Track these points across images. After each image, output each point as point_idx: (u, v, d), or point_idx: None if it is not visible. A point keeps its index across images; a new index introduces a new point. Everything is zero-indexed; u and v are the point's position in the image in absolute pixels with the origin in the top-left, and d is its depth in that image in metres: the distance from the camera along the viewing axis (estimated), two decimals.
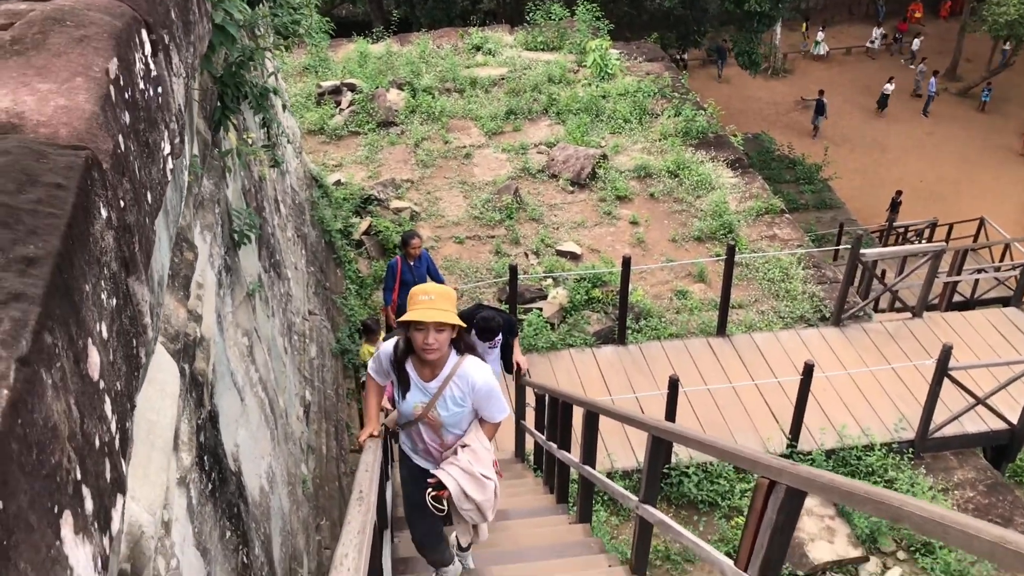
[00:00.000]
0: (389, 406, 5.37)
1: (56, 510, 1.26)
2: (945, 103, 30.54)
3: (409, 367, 4.31)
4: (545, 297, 11.93)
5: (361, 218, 13.14)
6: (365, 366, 9.95)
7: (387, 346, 4.43)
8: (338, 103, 16.59)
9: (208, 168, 4.70)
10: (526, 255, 12.92)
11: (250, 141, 5.95)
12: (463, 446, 4.37)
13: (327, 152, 15.23)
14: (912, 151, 28.14)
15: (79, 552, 1.32)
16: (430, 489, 4.28)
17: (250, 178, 6.34)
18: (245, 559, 4.06)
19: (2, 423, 1.10)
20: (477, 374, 4.25)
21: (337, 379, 9.70)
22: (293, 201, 9.76)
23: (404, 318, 4.02)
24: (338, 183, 13.75)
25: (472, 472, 4.28)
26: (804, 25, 34.45)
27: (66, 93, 1.75)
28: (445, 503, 4.29)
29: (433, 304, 3.99)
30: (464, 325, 4.17)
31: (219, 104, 4.91)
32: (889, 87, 29.75)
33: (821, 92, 28.29)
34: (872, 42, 34.44)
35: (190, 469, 3.36)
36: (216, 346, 4.21)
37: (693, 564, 8.45)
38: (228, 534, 3.86)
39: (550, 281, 12.22)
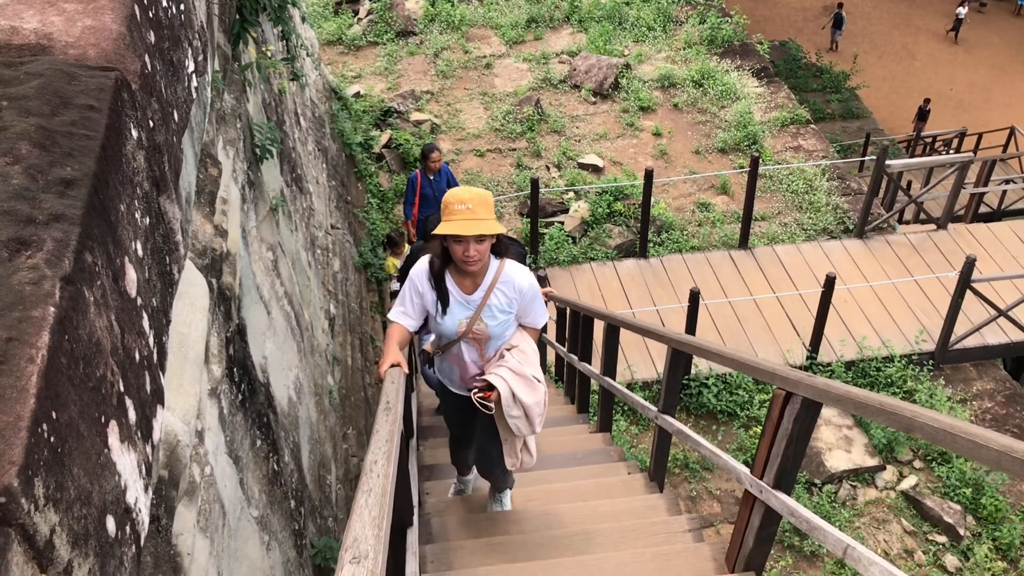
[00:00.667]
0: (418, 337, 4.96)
1: (103, 420, 1.33)
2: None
3: (448, 281, 3.95)
4: (567, 211, 11.92)
5: (381, 131, 13.08)
6: (389, 278, 10.08)
7: (419, 266, 3.98)
8: (356, 12, 16.34)
9: (229, 83, 4.70)
10: (547, 168, 12.85)
11: (269, 54, 5.91)
12: (512, 347, 4.06)
13: (346, 63, 15.08)
14: (943, 58, 27.44)
15: (125, 459, 1.40)
16: (475, 389, 3.96)
17: (270, 92, 6.33)
18: (275, 466, 4.20)
19: (51, 339, 1.16)
20: (521, 276, 3.96)
21: (361, 292, 9.81)
22: (313, 114, 9.73)
23: (440, 230, 3.61)
24: (357, 95, 13.65)
25: (522, 373, 3.96)
26: None
27: (92, 13, 1.76)
28: (493, 405, 3.95)
29: (472, 214, 3.59)
30: (503, 229, 3.77)
31: (238, 17, 4.87)
32: (962, 10, 28.34)
33: (840, 5, 27.45)
34: None
35: (220, 380, 3.46)
36: (242, 261, 4.28)
37: (711, 472, 8.63)
38: (259, 443, 3.98)
39: (571, 194, 12.19)
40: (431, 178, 9.34)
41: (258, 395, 4.12)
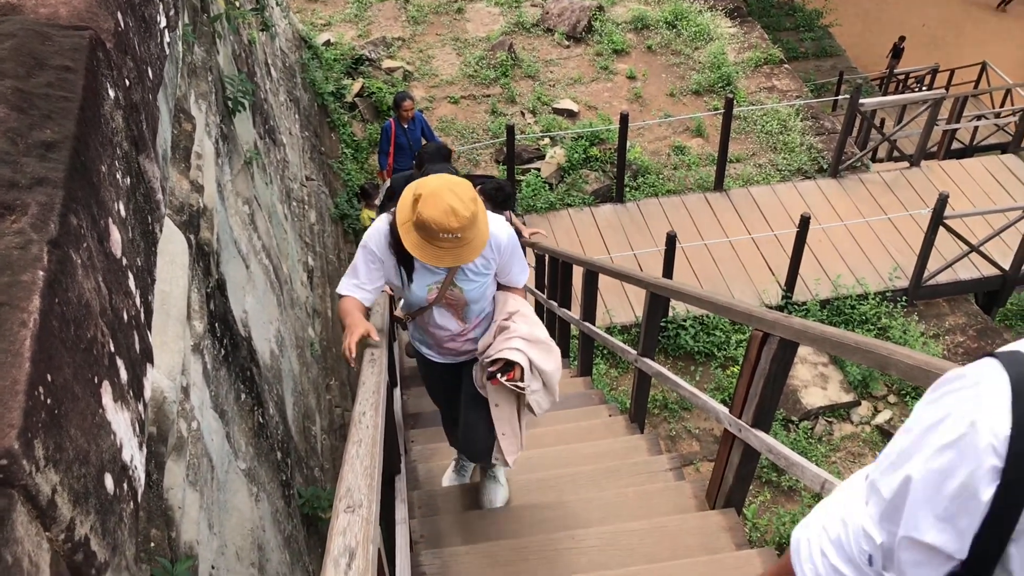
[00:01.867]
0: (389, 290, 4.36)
1: (96, 381, 1.35)
2: None
3: None
4: (543, 157, 11.88)
5: (353, 79, 12.92)
6: (365, 230, 9.98)
7: (380, 225, 3.41)
8: None
9: (198, 35, 4.63)
10: (522, 114, 12.78)
11: (238, 4, 5.82)
12: (511, 313, 3.56)
13: (315, 11, 14.82)
14: None
15: (119, 418, 1.42)
16: (497, 373, 3.40)
17: (240, 43, 6.24)
18: (261, 419, 4.24)
19: (42, 303, 1.17)
20: (498, 229, 3.40)
21: (338, 244, 9.79)
22: (283, 64, 9.60)
23: (420, 255, 3.09)
24: (328, 43, 13.45)
25: (536, 338, 3.48)
26: None
27: None
28: (520, 385, 3.43)
29: (460, 241, 3.03)
30: (487, 235, 3.23)
31: None
32: None
33: None
34: None
35: (203, 336, 3.47)
36: (219, 215, 4.26)
37: (690, 412, 8.77)
38: (243, 396, 4.01)
39: (547, 140, 12.14)
40: (405, 127, 9.27)
41: (240, 349, 4.14)
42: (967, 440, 1.08)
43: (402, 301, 3.76)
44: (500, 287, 3.69)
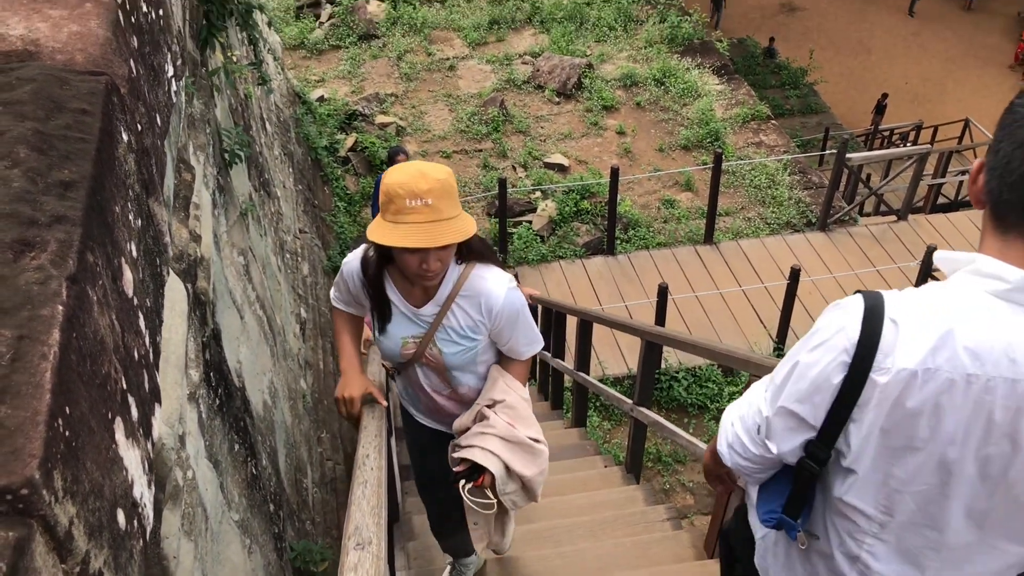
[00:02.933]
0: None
1: (110, 416, 1.36)
2: (931, 2, 30.16)
3: (390, 288, 2.91)
4: (534, 210, 11.98)
5: (346, 134, 13.06)
6: None
7: (351, 261, 2.96)
8: (317, 17, 16.30)
9: (197, 88, 4.70)
10: (514, 168, 12.91)
11: (235, 59, 5.91)
12: (495, 402, 2.97)
13: (309, 67, 15.03)
14: (897, 52, 27.90)
15: (131, 455, 1.43)
16: (463, 481, 2.84)
17: (236, 97, 6.32)
18: (254, 470, 4.21)
19: (61, 337, 1.19)
20: (494, 288, 2.82)
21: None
22: (278, 119, 9.71)
23: (386, 240, 2.50)
24: (321, 99, 13.62)
25: (517, 438, 2.91)
26: None
27: (78, 19, 1.79)
28: (490, 494, 2.90)
29: (433, 212, 2.48)
30: (475, 228, 2.67)
31: (205, 23, 4.87)
32: None
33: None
34: None
35: (199, 385, 3.46)
36: (215, 265, 4.28)
37: (684, 464, 8.73)
38: (236, 447, 3.99)
39: (539, 194, 12.26)
40: None
41: (235, 399, 4.13)
42: (831, 342, 1.51)
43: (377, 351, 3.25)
44: (502, 356, 3.10)
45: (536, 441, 2.98)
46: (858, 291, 1.56)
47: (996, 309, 1.37)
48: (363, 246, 2.94)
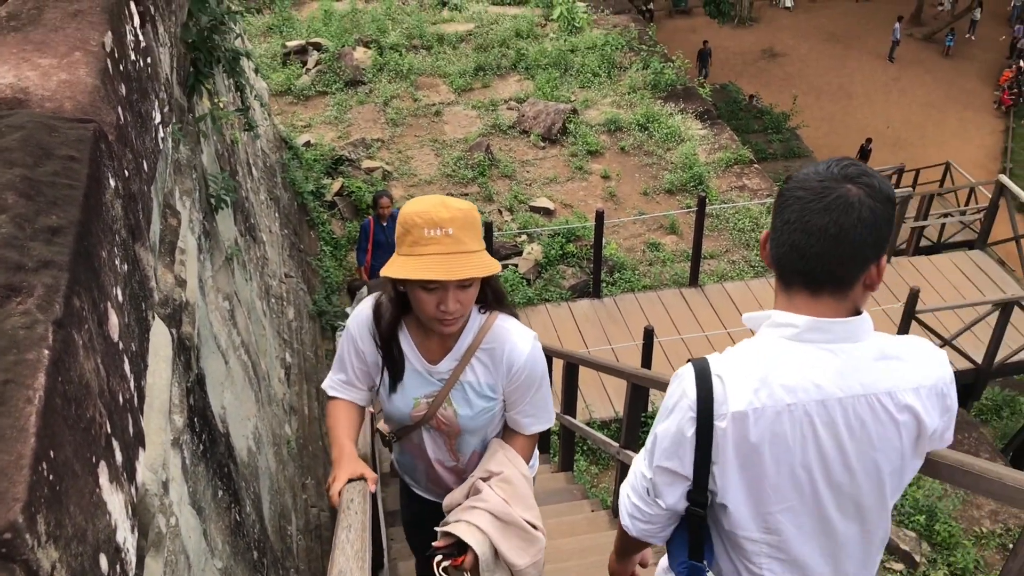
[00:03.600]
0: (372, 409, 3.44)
1: (94, 460, 1.36)
2: (910, 48, 30.73)
3: (404, 341, 2.62)
4: (520, 253, 12.04)
5: (333, 179, 13.12)
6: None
7: (362, 309, 2.66)
8: (304, 63, 16.44)
9: (184, 133, 4.73)
10: (500, 212, 12.99)
11: (222, 105, 5.96)
12: (491, 474, 2.66)
13: (295, 113, 15.14)
14: (878, 97, 28.35)
15: (114, 499, 1.42)
16: (438, 556, 2.50)
17: (223, 142, 6.36)
18: (238, 517, 4.17)
19: (47, 381, 1.20)
20: (519, 342, 2.56)
21: (316, 341, 9.78)
22: (264, 164, 9.76)
23: (400, 273, 2.28)
24: (308, 144, 13.70)
25: (511, 518, 2.58)
26: None
27: (67, 68, 1.81)
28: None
29: (454, 243, 2.27)
30: (499, 267, 2.42)
31: (192, 70, 4.92)
32: (897, 27, 29.65)
33: (705, 42, 28.14)
34: None
35: (182, 431, 3.44)
36: (199, 310, 4.28)
37: None
38: (220, 493, 3.96)
39: (524, 237, 12.32)
40: (384, 224, 9.40)
41: (219, 445, 4.10)
42: (678, 405, 1.81)
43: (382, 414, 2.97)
44: (505, 428, 2.80)
45: (533, 526, 2.64)
46: (689, 360, 1.88)
47: (794, 349, 1.74)
48: (371, 296, 2.69)
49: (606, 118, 14.99)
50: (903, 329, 9.63)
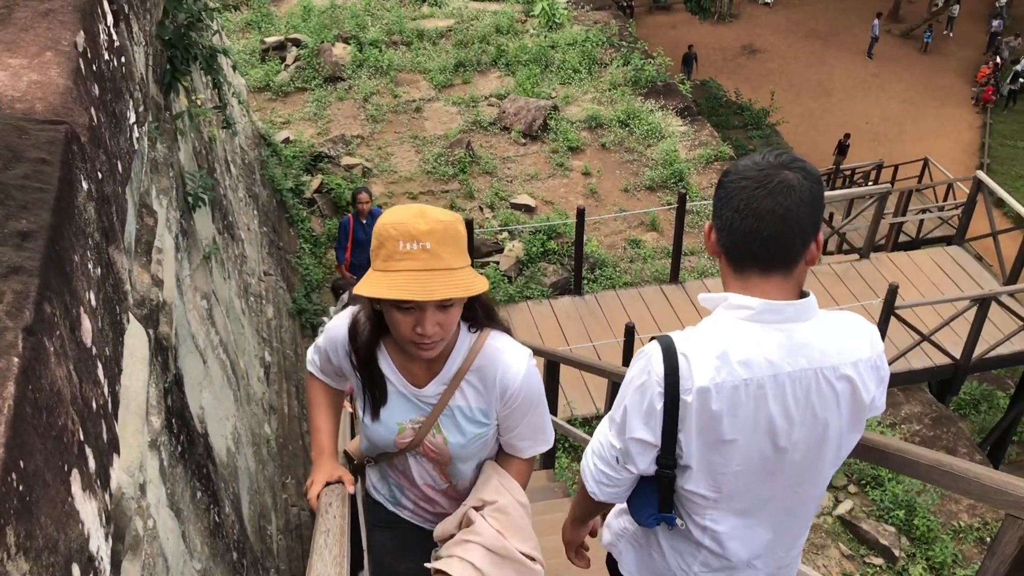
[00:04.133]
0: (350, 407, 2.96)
1: (66, 468, 1.34)
2: (889, 45, 30.91)
3: (385, 363, 2.41)
4: (501, 250, 12.02)
5: (312, 176, 13.06)
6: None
7: (336, 326, 2.46)
8: (283, 59, 16.34)
9: (161, 132, 4.69)
10: (481, 209, 12.97)
11: (199, 102, 5.91)
12: (484, 503, 2.47)
13: (274, 109, 15.04)
14: (857, 94, 28.52)
15: (87, 507, 1.40)
16: None
17: (200, 140, 6.31)
18: (216, 518, 4.15)
19: (16, 389, 1.18)
20: (513, 363, 2.36)
21: (296, 339, 9.74)
22: (243, 161, 9.69)
23: (372, 291, 2.04)
24: (287, 141, 13.62)
25: (506, 552, 2.40)
26: None
27: (38, 68, 1.78)
28: None
29: (430, 258, 2.05)
30: (487, 284, 2.19)
31: (169, 67, 4.87)
32: (875, 24, 29.88)
33: (690, 47, 27.92)
34: None
35: (160, 432, 3.41)
36: (177, 310, 4.24)
37: None
38: (199, 494, 3.93)
39: (506, 234, 12.31)
40: (363, 222, 9.37)
41: (197, 446, 4.07)
42: (647, 381, 1.97)
43: (360, 438, 2.67)
44: (499, 451, 2.62)
45: (530, 559, 2.45)
46: (653, 337, 2.07)
47: (749, 329, 1.94)
48: (350, 309, 2.45)
49: (587, 115, 14.99)
50: (882, 325, 9.68)
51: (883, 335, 9.69)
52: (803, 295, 2.01)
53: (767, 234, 1.87)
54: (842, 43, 30.67)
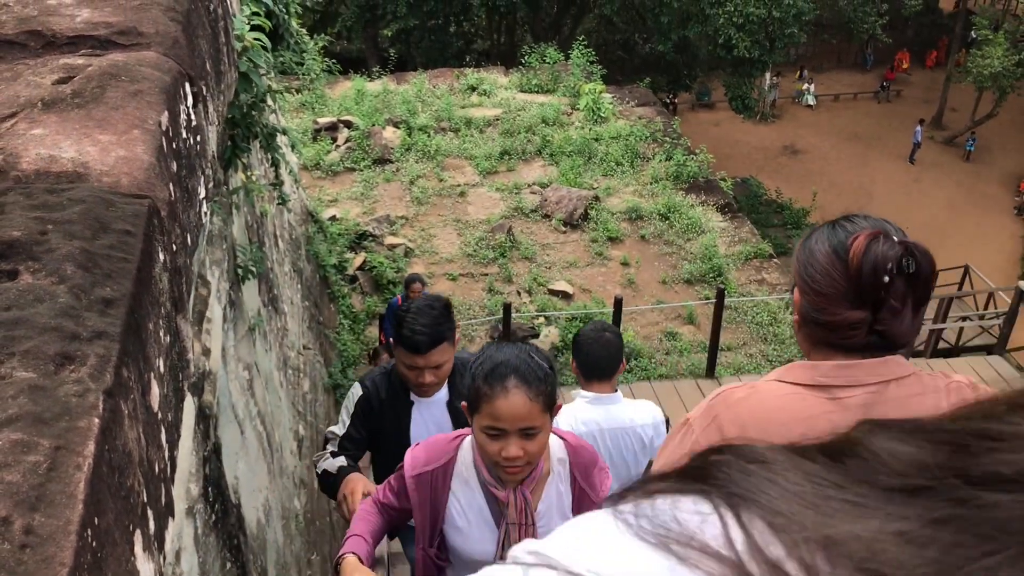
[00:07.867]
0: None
1: (131, 528, 1.39)
2: (931, 151, 31.07)
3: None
4: (537, 336, 12.07)
5: (355, 253, 13.29)
6: None
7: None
8: (334, 139, 16.80)
9: (219, 205, 4.84)
10: (519, 293, 13.08)
11: (254, 178, 6.09)
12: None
13: (323, 187, 15.41)
14: (898, 198, 28.57)
15: (146, 567, 1.45)
16: None
17: (252, 214, 6.49)
18: None
19: (95, 449, 1.24)
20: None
21: (329, 413, 9.78)
22: (291, 236, 9.91)
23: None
24: (333, 218, 13.91)
25: None
26: (799, 72, 35.04)
27: (125, 144, 1.89)
28: None
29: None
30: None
31: (230, 143, 5.05)
32: (918, 130, 30.11)
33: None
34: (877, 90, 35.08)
35: (197, 500, 3.45)
36: (220, 379, 4.32)
37: None
38: (229, 565, 3.94)
39: (542, 320, 12.37)
40: None
41: (230, 516, 4.10)
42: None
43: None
44: None
45: None
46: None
47: (588, 407, 3.71)
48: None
49: (628, 206, 15.17)
50: None
51: None
52: (614, 388, 3.62)
53: (597, 360, 3.75)
54: (884, 147, 30.89)
